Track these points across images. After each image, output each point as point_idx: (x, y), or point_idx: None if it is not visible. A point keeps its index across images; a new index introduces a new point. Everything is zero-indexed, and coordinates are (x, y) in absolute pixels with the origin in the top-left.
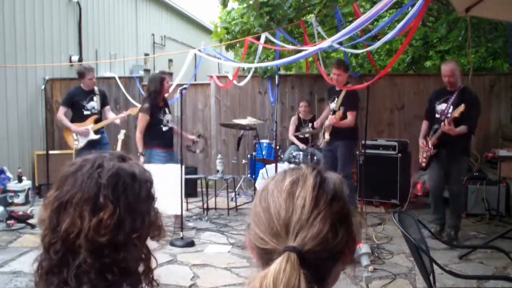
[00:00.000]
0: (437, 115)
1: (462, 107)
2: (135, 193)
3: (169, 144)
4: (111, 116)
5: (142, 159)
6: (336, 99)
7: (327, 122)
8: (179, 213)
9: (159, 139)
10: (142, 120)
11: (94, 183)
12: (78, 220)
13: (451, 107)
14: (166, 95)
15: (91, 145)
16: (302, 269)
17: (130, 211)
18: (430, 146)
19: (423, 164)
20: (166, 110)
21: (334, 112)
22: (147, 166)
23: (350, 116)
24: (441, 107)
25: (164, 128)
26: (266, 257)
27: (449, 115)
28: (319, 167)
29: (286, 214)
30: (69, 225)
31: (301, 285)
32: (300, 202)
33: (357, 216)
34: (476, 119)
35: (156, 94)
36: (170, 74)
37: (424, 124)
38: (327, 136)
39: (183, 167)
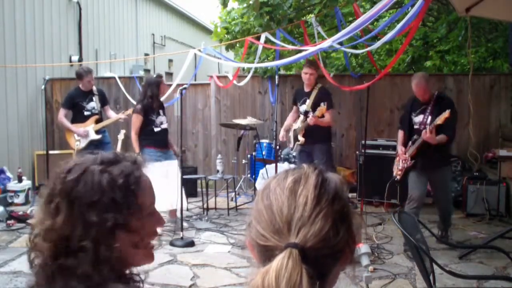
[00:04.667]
0: (416, 126)
1: (447, 113)
2: (91, 199)
3: (162, 144)
4: (111, 114)
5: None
6: (308, 100)
7: (299, 124)
8: (173, 207)
9: (150, 139)
10: (136, 121)
11: (57, 186)
12: (39, 224)
13: (429, 117)
14: (162, 98)
15: (92, 145)
16: (304, 265)
17: (82, 217)
18: (407, 156)
19: (398, 177)
20: (161, 112)
21: (306, 113)
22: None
23: (329, 114)
24: (418, 118)
25: (156, 129)
26: (267, 254)
27: (428, 125)
28: (320, 167)
29: (288, 211)
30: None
31: (303, 281)
32: (302, 200)
33: (357, 217)
34: (454, 127)
35: (152, 98)
36: (170, 73)
37: (401, 134)
38: (301, 138)
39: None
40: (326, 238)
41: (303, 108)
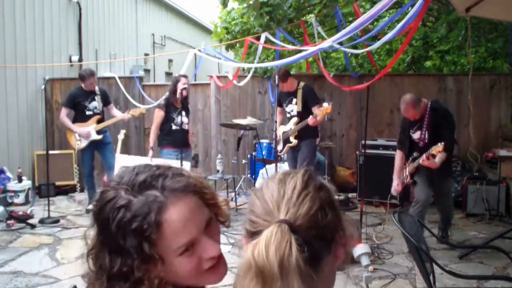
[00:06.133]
0: (416, 141)
1: (440, 147)
2: (103, 238)
3: (180, 144)
4: (116, 113)
5: (151, 152)
6: (295, 99)
7: (291, 126)
8: None
9: (168, 138)
10: (157, 116)
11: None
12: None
13: (426, 132)
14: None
15: (93, 145)
16: (293, 235)
17: (99, 251)
18: (406, 173)
19: (395, 193)
20: (183, 113)
21: (298, 113)
22: (155, 161)
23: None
24: (417, 135)
25: (175, 127)
26: (257, 236)
27: (426, 140)
28: (309, 169)
29: (278, 195)
30: None
31: (292, 249)
32: (291, 185)
33: (348, 219)
34: (452, 137)
35: (170, 94)
36: (170, 73)
37: (399, 154)
38: (294, 140)
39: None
40: (315, 218)
41: (290, 108)
